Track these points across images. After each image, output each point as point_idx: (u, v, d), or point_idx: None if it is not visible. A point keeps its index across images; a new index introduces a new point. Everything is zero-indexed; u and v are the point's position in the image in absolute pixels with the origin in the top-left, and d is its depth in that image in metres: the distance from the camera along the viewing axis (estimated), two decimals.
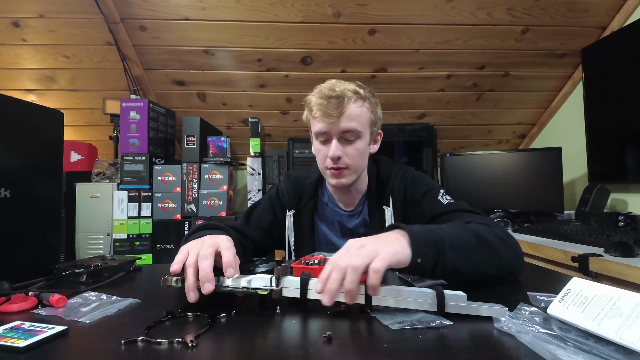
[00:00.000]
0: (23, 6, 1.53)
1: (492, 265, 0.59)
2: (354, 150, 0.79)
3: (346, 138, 0.78)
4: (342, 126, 0.76)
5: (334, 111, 0.75)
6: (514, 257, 0.63)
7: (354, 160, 0.80)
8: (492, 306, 0.46)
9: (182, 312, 0.48)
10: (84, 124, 2.01)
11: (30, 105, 0.76)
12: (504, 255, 0.61)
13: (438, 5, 1.55)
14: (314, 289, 0.49)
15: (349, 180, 0.81)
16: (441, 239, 0.56)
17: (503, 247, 0.61)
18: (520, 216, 1.65)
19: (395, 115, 2.06)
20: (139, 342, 0.40)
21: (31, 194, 0.73)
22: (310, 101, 0.80)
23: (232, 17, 1.58)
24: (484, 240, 0.60)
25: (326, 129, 0.77)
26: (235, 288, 0.51)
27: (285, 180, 0.95)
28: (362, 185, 0.89)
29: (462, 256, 0.56)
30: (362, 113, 0.79)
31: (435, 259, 0.54)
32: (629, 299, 0.38)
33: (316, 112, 0.78)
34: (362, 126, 0.79)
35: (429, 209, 0.80)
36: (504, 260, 0.61)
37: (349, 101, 0.76)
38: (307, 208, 0.91)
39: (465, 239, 0.59)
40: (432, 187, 0.84)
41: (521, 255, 0.65)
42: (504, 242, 0.62)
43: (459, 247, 0.57)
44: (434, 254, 0.54)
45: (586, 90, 1.55)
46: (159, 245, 1.64)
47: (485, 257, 0.59)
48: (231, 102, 1.94)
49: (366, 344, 0.40)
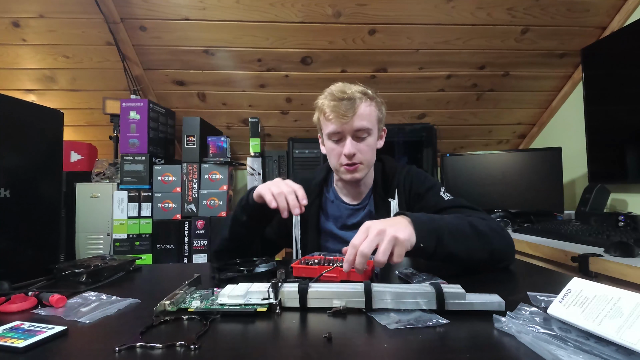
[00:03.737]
0: (23, 6, 1.53)
1: (484, 251, 0.67)
2: (366, 146, 0.86)
3: (359, 136, 0.85)
4: (355, 125, 0.83)
5: (347, 112, 0.81)
6: (504, 247, 0.71)
7: (367, 156, 0.86)
8: (489, 296, 0.47)
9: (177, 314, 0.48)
10: (84, 124, 2.01)
11: (30, 105, 0.75)
12: (496, 244, 0.69)
13: (438, 5, 1.55)
14: (313, 297, 0.50)
15: (362, 175, 0.88)
16: (440, 227, 0.64)
17: (495, 237, 0.69)
18: (520, 216, 1.65)
19: (395, 115, 2.06)
20: (137, 348, 0.38)
21: (31, 194, 0.73)
22: (322, 104, 0.86)
23: (232, 17, 1.58)
24: (478, 230, 0.68)
25: (340, 129, 0.84)
26: (232, 306, 0.49)
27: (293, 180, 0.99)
28: (369, 179, 0.96)
29: (458, 242, 0.65)
30: (371, 112, 0.86)
31: (435, 243, 0.62)
32: (629, 299, 0.38)
33: (330, 114, 0.84)
34: (372, 124, 0.86)
35: (432, 203, 0.87)
36: (495, 248, 0.68)
37: (360, 102, 0.83)
38: (313, 206, 0.95)
39: (462, 228, 0.67)
40: (435, 184, 0.92)
41: (512, 246, 0.73)
42: (497, 233, 0.70)
43: (455, 234, 0.65)
44: (434, 240, 0.62)
45: (586, 90, 1.55)
46: (159, 245, 1.64)
47: (478, 245, 0.67)
48: (231, 102, 1.94)
49: (366, 344, 0.40)
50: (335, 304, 0.48)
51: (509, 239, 0.73)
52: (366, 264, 0.59)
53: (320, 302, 0.49)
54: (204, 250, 1.67)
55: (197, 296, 0.53)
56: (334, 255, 0.73)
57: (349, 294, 0.49)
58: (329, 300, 0.49)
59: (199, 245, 1.66)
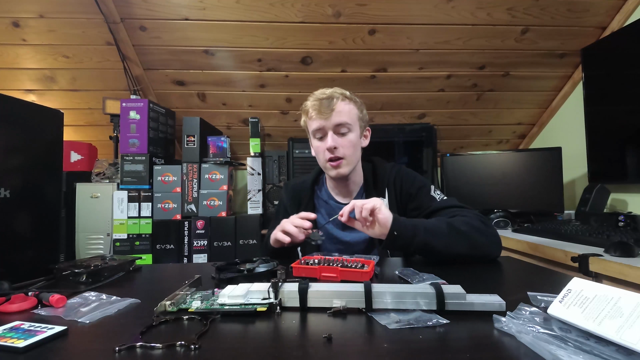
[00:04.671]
0: (23, 6, 1.53)
1: (462, 246, 0.76)
2: (347, 141, 0.91)
3: (339, 131, 0.91)
4: (335, 120, 0.90)
5: (326, 109, 0.89)
6: (486, 243, 0.79)
7: (348, 151, 0.91)
8: (489, 297, 0.47)
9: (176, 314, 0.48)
10: (84, 124, 2.01)
11: (30, 105, 0.75)
12: (476, 240, 0.77)
13: (438, 5, 1.55)
14: (313, 297, 0.50)
15: (347, 171, 0.93)
16: (417, 224, 0.77)
17: (476, 234, 0.78)
18: (520, 216, 1.65)
19: (395, 115, 2.06)
20: (137, 348, 0.38)
21: (31, 194, 0.73)
22: (306, 105, 0.94)
23: (232, 17, 1.58)
24: (456, 228, 0.77)
25: (321, 125, 0.90)
26: (232, 306, 0.49)
27: (284, 191, 1.08)
28: (359, 177, 1.00)
29: (434, 236, 0.75)
30: (350, 109, 0.92)
31: (411, 233, 0.75)
32: (629, 299, 0.38)
33: (312, 112, 0.91)
34: (352, 120, 0.92)
35: (426, 204, 0.92)
36: (475, 244, 0.77)
37: (338, 100, 0.90)
38: (308, 208, 0.99)
39: (439, 226, 0.77)
40: (425, 183, 0.96)
41: (495, 242, 0.81)
42: (478, 231, 0.78)
43: (431, 230, 0.76)
44: (409, 231, 0.75)
45: (586, 90, 1.55)
46: (159, 245, 1.64)
47: (455, 240, 0.76)
48: (231, 102, 1.94)
49: (366, 344, 0.40)
50: (335, 304, 0.48)
51: (492, 235, 0.81)
52: (367, 263, 0.59)
53: (320, 302, 0.49)
54: (204, 250, 1.67)
55: (197, 297, 0.53)
56: (334, 256, 0.73)
57: (349, 294, 0.49)
58: (329, 300, 0.49)
59: (199, 245, 1.66)
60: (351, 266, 0.64)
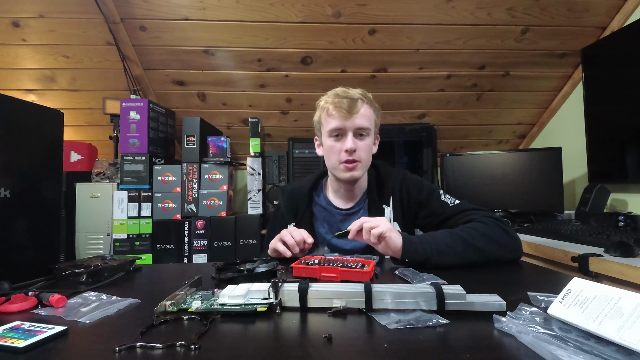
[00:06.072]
0: (23, 6, 1.53)
1: (479, 259, 0.73)
2: (364, 145, 0.89)
3: (359, 134, 0.88)
4: (357, 123, 0.87)
5: (350, 109, 0.86)
6: (504, 253, 0.76)
7: (365, 155, 0.89)
8: (490, 297, 0.47)
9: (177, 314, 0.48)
10: (84, 124, 2.01)
11: (30, 105, 0.75)
12: (493, 253, 0.74)
13: (438, 5, 1.55)
14: (313, 297, 0.50)
15: (360, 174, 0.90)
16: (428, 247, 0.72)
17: (492, 247, 0.74)
18: (520, 216, 1.65)
19: (395, 115, 2.06)
20: (137, 348, 0.38)
21: (31, 194, 0.73)
22: (326, 101, 0.90)
23: (232, 17, 1.58)
24: (471, 245, 0.73)
25: (342, 125, 0.87)
26: (232, 306, 0.49)
27: (281, 196, 1.04)
28: (363, 182, 0.97)
29: (448, 256, 0.72)
30: (371, 114, 0.90)
31: (422, 258, 0.71)
32: (629, 299, 0.38)
33: (332, 110, 0.87)
34: (371, 125, 0.90)
35: (439, 210, 0.89)
36: (491, 256, 0.74)
37: (362, 103, 0.88)
38: (305, 215, 0.97)
39: (452, 246, 0.73)
40: (434, 188, 0.93)
41: (515, 247, 0.78)
42: (495, 242, 0.75)
43: (444, 251, 0.72)
44: (421, 256, 0.71)
45: (586, 90, 1.55)
46: (159, 245, 1.64)
47: (470, 256, 0.73)
48: (231, 102, 1.94)
49: (366, 344, 0.40)
50: (336, 304, 0.48)
51: (511, 244, 0.77)
52: (367, 263, 0.59)
53: (320, 302, 0.49)
54: (204, 250, 1.67)
55: (197, 297, 0.53)
56: (334, 256, 0.73)
57: (349, 294, 0.49)
58: (329, 300, 0.49)
59: (199, 245, 1.66)
60: (351, 266, 0.64)
